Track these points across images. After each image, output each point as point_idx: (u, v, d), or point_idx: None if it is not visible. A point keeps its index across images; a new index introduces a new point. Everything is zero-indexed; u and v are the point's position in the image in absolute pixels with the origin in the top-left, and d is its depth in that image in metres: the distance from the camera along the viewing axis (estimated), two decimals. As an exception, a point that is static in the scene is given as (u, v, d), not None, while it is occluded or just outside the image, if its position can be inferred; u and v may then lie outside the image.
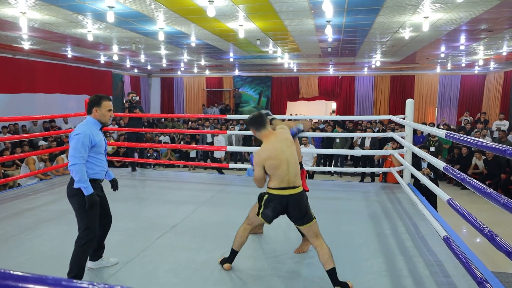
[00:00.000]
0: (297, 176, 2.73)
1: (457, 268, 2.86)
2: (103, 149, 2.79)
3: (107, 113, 2.79)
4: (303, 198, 2.74)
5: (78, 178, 2.59)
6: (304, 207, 2.73)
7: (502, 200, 1.94)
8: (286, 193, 2.70)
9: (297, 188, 2.72)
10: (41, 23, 7.16)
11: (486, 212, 6.78)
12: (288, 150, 2.73)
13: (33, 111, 11.46)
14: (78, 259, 2.64)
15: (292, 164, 2.71)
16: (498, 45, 9.51)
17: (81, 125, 2.73)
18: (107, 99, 2.82)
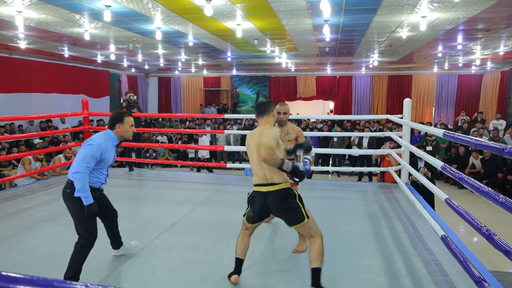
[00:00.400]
0: (276, 173, 2.53)
1: (455, 267, 2.86)
2: (108, 165, 2.86)
3: (129, 129, 2.89)
4: (285, 196, 2.55)
5: (80, 187, 2.61)
6: (288, 206, 2.55)
7: (500, 199, 1.94)
8: (263, 190, 2.56)
9: (277, 185, 2.54)
10: (37, 22, 7.12)
11: (484, 211, 6.80)
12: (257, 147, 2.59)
13: (29, 111, 11.40)
14: (76, 260, 2.68)
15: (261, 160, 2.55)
16: (495, 44, 9.54)
17: (99, 136, 2.78)
18: (128, 115, 2.92)
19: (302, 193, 5.22)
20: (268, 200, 2.55)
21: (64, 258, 3.11)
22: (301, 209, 2.55)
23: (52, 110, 11.90)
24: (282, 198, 2.54)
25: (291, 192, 2.57)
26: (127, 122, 2.86)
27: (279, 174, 2.55)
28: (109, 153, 2.78)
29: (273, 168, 2.51)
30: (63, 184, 2.82)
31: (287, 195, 2.55)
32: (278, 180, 2.55)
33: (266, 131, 2.60)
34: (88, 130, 6.91)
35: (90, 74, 14.87)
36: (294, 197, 2.57)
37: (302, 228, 2.57)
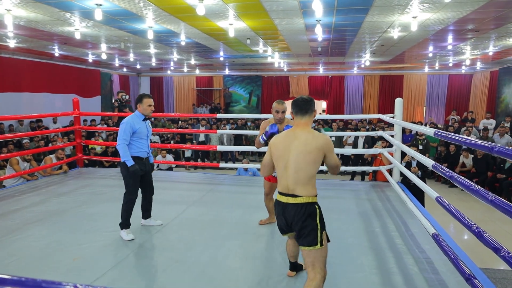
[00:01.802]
0: (300, 185, 2.25)
1: (446, 265, 2.89)
2: (144, 135, 3.60)
3: (147, 108, 3.61)
4: (305, 212, 2.25)
5: (122, 154, 3.49)
6: (304, 224, 2.25)
7: (489, 197, 1.97)
8: (283, 200, 2.31)
9: (298, 198, 2.26)
10: (27, 20, 7.02)
11: (474, 209, 6.90)
12: (300, 155, 2.25)
13: (19, 110, 11.24)
14: (123, 212, 3.53)
15: (293, 169, 2.26)
16: (484, 45, 9.66)
17: (128, 117, 3.61)
18: (147, 97, 3.64)
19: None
20: (286, 212, 2.30)
21: (55, 260, 3.09)
22: (317, 232, 2.25)
23: (43, 109, 11.75)
24: (301, 214, 2.25)
25: (313, 209, 2.28)
26: (145, 102, 3.59)
27: (304, 186, 2.26)
28: (139, 126, 3.54)
29: (299, 178, 2.25)
30: (53, 185, 2.81)
31: (308, 211, 2.26)
32: (300, 192, 2.26)
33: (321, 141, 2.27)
34: (79, 130, 6.84)
35: (81, 73, 14.71)
36: (314, 215, 2.27)
37: (309, 253, 2.26)
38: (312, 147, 2.25)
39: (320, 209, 2.32)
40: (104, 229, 3.76)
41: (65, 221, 4.02)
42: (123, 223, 3.52)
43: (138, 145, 3.58)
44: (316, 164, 2.26)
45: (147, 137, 3.67)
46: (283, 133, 2.43)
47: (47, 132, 8.67)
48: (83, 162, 7.01)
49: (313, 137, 2.28)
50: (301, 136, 2.29)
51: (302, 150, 2.25)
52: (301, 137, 2.29)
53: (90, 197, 4.92)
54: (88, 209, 4.45)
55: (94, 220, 4.06)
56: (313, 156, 2.25)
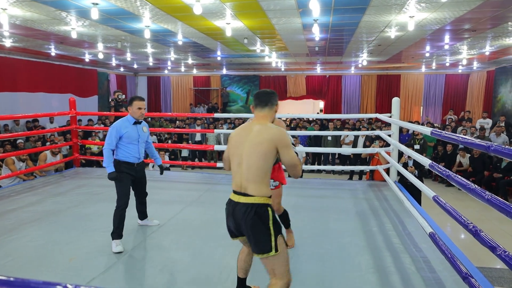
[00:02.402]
0: (252, 183, 2.03)
1: (443, 264, 2.89)
2: (134, 139, 3.43)
3: (137, 111, 3.44)
4: (256, 215, 1.99)
5: (103, 159, 3.35)
6: (256, 228, 2.00)
7: (486, 196, 1.97)
8: (234, 199, 2.09)
9: (249, 198, 2.02)
10: (23, 20, 6.98)
11: (471, 208, 6.92)
12: (251, 148, 2.07)
13: (15, 110, 11.18)
14: (114, 219, 3.31)
15: (246, 164, 2.06)
16: (481, 44, 9.70)
17: (118, 120, 3.47)
18: (138, 99, 3.47)
19: (293, 192, 5.26)
20: (235, 212, 2.06)
21: (51, 260, 3.07)
22: (271, 237, 2.00)
23: (39, 109, 11.69)
24: (250, 216, 2.00)
25: (265, 212, 2.01)
26: (135, 105, 3.44)
27: (257, 184, 2.03)
28: (127, 130, 3.38)
29: (253, 175, 2.04)
30: (49, 185, 2.81)
31: (259, 214, 2.00)
32: (252, 191, 2.03)
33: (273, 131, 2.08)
34: (76, 130, 6.81)
35: (78, 73, 14.65)
36: (267, 219, 2.01)
37: (266, 261, 2.04)
38: (262, 138, 2.06)
39: (274, 212, 2.08)
40: (100, 229, 3.74)
41: (61, 221, 4.00)
42: (114, 232, 3.30)
43: (126, 150, 3.43)
44: (267, 158, 2.03)
45: (138, 141, 3.48)
46: (240, 126, 2.26)
47: (44, 132, 8.64)
48: (79, 162, 6.98)
49: (265, 128, 2.10)
50: (255, 128, 2.13)
51: (254, 143, 2.07)
52: (254, 129, 2.12)
53: (87, 197, 4.90)
54: (85, 209, 4.43)
55: (91, 220, 4.04)
56: (264, 148, 2.03)
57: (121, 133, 3.37)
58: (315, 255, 3.17)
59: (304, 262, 3.03)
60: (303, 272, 2.87)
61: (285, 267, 2.05)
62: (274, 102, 2.27)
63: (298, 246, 3.35)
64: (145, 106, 3.52)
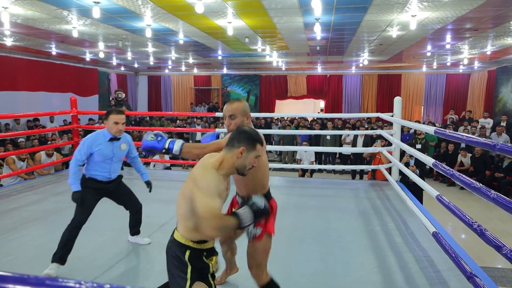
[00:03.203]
0: (182, 219, 1.79)
1: (446, 263, 2.88)
2: (107, 157, 3.01)
3: (112, 126, 2.99)
4: (176, 256, 1.79)
5: (69, 176, 2.97)
6: (172, 270, 1.80)
7: (491, 194, 1.95)
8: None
9: (176, 232, 1.83)
10: (24, 18, 6.97)
11: (472, 208, 6.91)
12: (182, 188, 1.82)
13: (16, 109, 11.17)
14: (62, 238, 2.89)
15: (178, 201, 1.82)
16: (482, 44, 9.68)
17: (93, 133, 3.06)
18: (114, 112, 3.01)
19: (294, 192, 5.24)
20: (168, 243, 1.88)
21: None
22: (186, 281, 1.74)
23: (40, 108, 11.68)
24: (172, 251, 1.81)
25: (183, 257, 1.77)
26: (110, 119, 2.98)
27: (181, 226, 1.79)
28: (99, 148, 2.97)
29: (179, 210, 1.79)
30: (50, 184, 2.80)
31: (179, 252, 1.78)
32: (179, 228, 1.81)
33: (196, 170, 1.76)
34: (77, 129, 6.80)
35: (79, 72, 14.64)
36: (185, 266, 1.76)
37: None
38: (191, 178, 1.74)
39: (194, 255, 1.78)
40: (101, 228, 3.73)
41: (62, 220, 3.96)
42: (57, 253, 2.82)
43: (96, 167, 3.01)
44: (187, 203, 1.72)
45: (111, 160, 3.05)
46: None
47: (44, 131, 8.62)
48: (80, 161, 6.97)
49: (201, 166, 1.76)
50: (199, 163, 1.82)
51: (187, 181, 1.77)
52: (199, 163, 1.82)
53: (88, 196, 4.88)
54: (86, 208, 4.41)
55: (91, 219, 3.99)
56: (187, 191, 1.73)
57: (92, 150, 2.97)
58: (317, 255, 3.16)
59: (306, 262, 3.02)
60: (306, 272, 2.85)
61: None
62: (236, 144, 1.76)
63: (299, 245, 3.33)
64: (123, 121, 3.02)
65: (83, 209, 2.98)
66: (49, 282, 0.41)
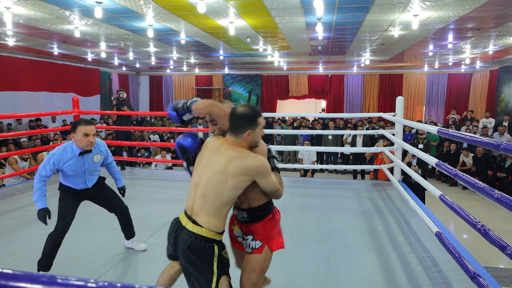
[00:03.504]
0: (205, 214, 1.77)
1: (450, 263, 2.88)
2: (79, 172, 2.79)
3: (83, 139, 2.68)
4: (200, 249, 1.73)
5: (33, 193, 2.74)
6: (195, 264, 1.73)
7: (495, 194, 1.95)
8: (182, 221, 1.83)
9: (197, 228, 1.75)
10: (26, 18, 6.98)
11: (474, 208, 6.89)
12: (214, 175, 1.77)
13: (17, 109, 11.19)
14: (46, 245, 2.78)
15: (203, 192, 1.79)
16: (484, 43, 9.65)
17: (59, 147, 2.77)
18: (83, 123, 2.70)
19: (296, 192, 5.24)
20: (178, 237, 1.80)
21: (55, 259, 3.06)
22: (212, 277, 1.73)
23: (41, 108, 11.70)
24: (194, 246, 1.73)
25: (209, 249, 1.74)
26: (79, 131, 2.67)
27: (210, 217, 1.76)
28: (69, 163, 2.73)
29: (208, 205, 1.77)
30: (52, 184, 2.80)
31: (205, 247, 1.74)
32: (202, 222, 1.76)
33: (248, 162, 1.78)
34: (79, 129, 6.81)
35: (80, 72, 14.66)
36: (210, 257, 1.74)
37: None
38: (233, 168, 1.75)
39: (221, 251, 1.79)
40: (103, 228, 3.74)
41: (65, 220, 3.98)
42: (42, 260, 2.75)
43: (70, 180, 2.84)
44: (232, 191, 1.76)
45: (84, 173, 2.84)
46: (215, 139, 1.93)
47: (46, 131, 8.63)
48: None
49: (239, 157, 1.77)
50: (226, 152, 1.81)
51: (219, 169, 1.76)
52: (225, 153, 1.81)
53: (90, 196, 4.89)
54: (88, 208, 4.39)
55: (93, 219, 4.03)
56: (232, 180, 1.75)
57: (60, 167, 2.74)
58: (320, 255, 3.15)
59: (308, 262, 3.02)
60: (308, 272, 2.85)
61: None
62: (240, 130, 1.81)
63: (302, 245, 3.33)
64: (94, 132, 2.74)
65: (64, 211, 2.81)
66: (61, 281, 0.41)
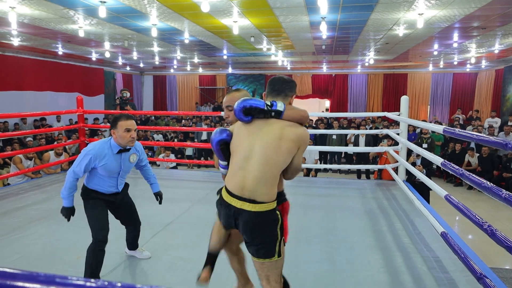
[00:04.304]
0: (264, 185, 1.78)
1: (455, 264, 2.85)
2: (113, 173, 2.60)
3: (124, 135, 2.50)
4: (265, 221, 1.80)
5: (63, 187, 2.58)
6: (264, 234, 1.81)
7: (503, 194, 1.92)
8: (235, 205, 1.81)
9: (258, 205, 1.78)
10: (31, 18, 7.01)
11: (480, 209, 6.84)
12: (269, 142, 1.80)
13: (22, 109, 11.24)
14: (88, 259, 2.54)
15: (259, 161, 1.78)
16: (490, 43, 9.57)
17: (96, 144, 2.58)
18: (124, 118, 2.52)
19: (300, 191, 5.22)
20: (239, 219, 1.82)
21: (58, 257, 3.07)
22: (277, 242, 1.83)
23: (46, 108, 11.77)
24: (260, 223, 1.80)
25: (275, 216, 1.82)
26: (120, 126, 2.49)
27: (268, 188, 1.79)
28: (105, 162, 2.53)
29: (268, 174, 1.78)
30: (57, 183, 2.80)
31: (269, 220, 1.81)
32: (261, 198, 1.78)
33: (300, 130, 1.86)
34: (83, 128, 6.83)
35: (85, 72, 14.72)
36: (276, 224, 1.83)
37: (262, 266, 1.85)
38: (287, 135, 1.81)
39: (281, 214, 1.87)
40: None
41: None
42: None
43: (99, 182, 2.62)
44: (287, 157, 1.81)
45: (118, 174, 2.66)
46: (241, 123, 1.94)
47: (51, 130, 8.67)
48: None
49: (289, 124, 1.85)
50: (274, 122, 1.85)
51: (273, 137, 1.79)
52: (273, 122, 1.85)
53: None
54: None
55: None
56: (287, 145, 1.79)
57: (95, 165, 2.53)
58: (324, 254, 3.13)
59: (312, 262, 3.00)
60: (312, 272, 2.83)
61: (279, 273, 1.92)
62: (289, 93, 1.95)
63: (306, 245, 3.31)
64: (135, 127, 2.56)
65: (98, 221, 2.59)
66: (59, 280, 0.40)
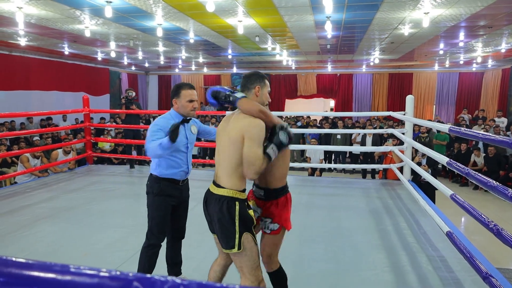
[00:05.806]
0: (225, 174, 1.94)
1: (461, 264, 2.83)
2: (181, 145, 2.42)
3: (187, 104, 2.41)
4: (224, 208, 1.90)
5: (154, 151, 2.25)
6: (221, 222, 1.91)
7: (509, 193, 1.91)
8: (210, 189, 2.02)
9: (220, 189, 1.93)
10: (37, 18, 7.07)
11: (486, 209, 6.79)
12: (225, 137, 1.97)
13: (29, 108, 11.34)
14: (141, 265, 2.42)
15: (222, 155, 1.98)
16: (496, 42, 9.50)
17: (160, 118, 2.47)
18: (187, 87, 2.45)
19: (305, 191, 5.21)
20: (208, 202, 2.01)
21: (65, 255, 3.10)
22: (235, 234, 1.89)
23: (52, 107, 11.85)
24: (217, 208, 1.92)
25: (232, 206, 1.90)
26: (183, 96, 2.41)
27: (228, 177, 1.93)
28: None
29: (226, 164, 1.94)
30: (63, 182, 2.82)
31: (227, 207, 1.90)
32: (224, 183, 1.93)
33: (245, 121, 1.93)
34: (89, 127, 6.88)
35: (90, 71, 14.81)
36: (232, 214, 1.90)
37: (232, 257, 1.99)
38: (235, 126, 1.94)
39: (242, 208, 1.93)
40: (113, 225, 3.77)
41: (74, 217, 4.03)
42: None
43: (171, 162, 2.44)
44: (236, 147, 1.90)
45: (186, 148, 2.51)
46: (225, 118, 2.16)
47: (57, 129, 8.74)
48: (92, 159, 7.05)
49: (241, 117, 1.96)
50: (234, 116, 2.03)
51: (228, 131, 1.96)
52: (234, 119, 2.00)
53: (99, 194, 4.94)
54: (98, 205, 4.46)
55: (103, 216, 4.07)
56: (234, 136, 1.91)
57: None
58: (328, 254, 3.14)
59: (317, 261, 3.00)
60: (317, 271, 2.84)
61: (252, 266, 1.95)
62: (250, 86, 2.05)
63: (311, 244, 3.31)
64: (197, 98, 2.51)
65: (160, 221, 2.44)
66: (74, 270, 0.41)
